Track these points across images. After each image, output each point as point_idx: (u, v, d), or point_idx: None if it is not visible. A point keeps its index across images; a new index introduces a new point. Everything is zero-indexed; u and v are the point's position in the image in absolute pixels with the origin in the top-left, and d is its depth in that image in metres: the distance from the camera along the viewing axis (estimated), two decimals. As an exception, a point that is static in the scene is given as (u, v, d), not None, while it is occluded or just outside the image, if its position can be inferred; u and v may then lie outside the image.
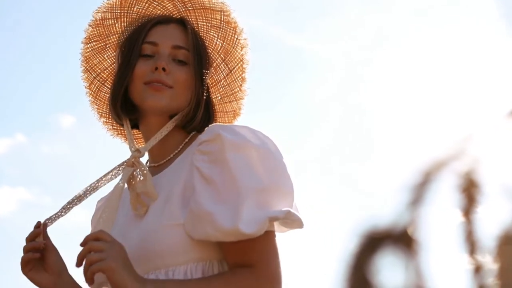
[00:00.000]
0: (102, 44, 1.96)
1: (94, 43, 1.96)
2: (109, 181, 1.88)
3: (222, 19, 1.92)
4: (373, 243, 0.63)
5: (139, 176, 1.77)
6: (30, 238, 1.80)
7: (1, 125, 7.58)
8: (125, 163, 1.86)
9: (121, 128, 2.03)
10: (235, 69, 1.96)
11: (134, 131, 2.00)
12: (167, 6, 1.92)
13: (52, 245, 1.82)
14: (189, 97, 1.83)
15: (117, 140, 2.08)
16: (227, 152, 1.63)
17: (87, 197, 1.85)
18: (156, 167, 1.85)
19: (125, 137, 2.04)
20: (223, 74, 1.97)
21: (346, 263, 0.64)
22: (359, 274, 0.63)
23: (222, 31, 1.93)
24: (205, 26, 1.92)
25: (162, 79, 1.80)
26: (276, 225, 1.66)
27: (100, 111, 2.03)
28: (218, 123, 1.81)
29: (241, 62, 1.96)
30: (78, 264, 1.57)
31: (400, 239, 0.64)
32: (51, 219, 1.84)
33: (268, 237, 1.63)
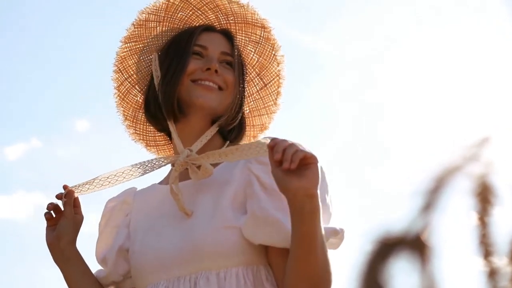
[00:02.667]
0: (140, 45, 1.97)
1: (132, 43, 1.97)
2: (142, 174, 1.89)
3: (262, 35, 1.96)
4: (387, 248, 0.63)
5: (195, 171, 1.76)
6: (57, 197, 1.86)
7: (16, 129, 7.65)
8: (162, 159, 1.88)
9: (144, 133, 2.03)
10: (271, 83, 2.00)
11: (157, 137, 2.02)
12: (209, 16, 1.95)
13: (69, 213, 1.84)
14: (231, 102, 1.86)
15: (132, 144, 2.08)
16: None
17: (116, 183, 1.87)
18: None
19: (146, 142, 2.05)
20: (256, 88, 1.99)
21: (359, 268, 0.64)
22: (373, 279, 0.63)
23: (260, 46, 1.97)
24: (243, 40, 1.96)
25: (214, 80, 1.83)
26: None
27: (126, 113, 2.03)
28: (271, 136, 1.82)
29: (278, 77, 2.00)
30: (272, 144, 1.51)
31: (414, 245, 0.64)
32: (77, 189, 1.86)
33: None
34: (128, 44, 1.97)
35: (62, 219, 1.85)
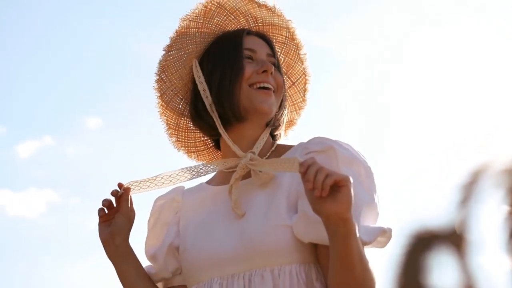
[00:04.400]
0: (182, 53, 1.97)
1: (174, 52, 1.97)
2: (206, 174, 1.90)
3: (287, 36, 1.99)
4: (424, 243, 0.64)
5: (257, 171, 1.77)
6: (112, 194, 1.85)
7: (29, 127, 7.67)
8: (221, 162, 1.88)
9: (186, 140, 2.04)
10: (299, 81, 2.03)
11: (197, 143, 2.03)
12: (240, 21, 1.97)
13: (126, 209, 1.85)
14: (281, 104, 1.90)
15: (141, 143, 2.09)
16: (341, 165, 1.69)
17: (174, 184, 1.89)
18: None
19: (187, 149, 2.06)
20: (285, 86, 2.00)
21: (397, 262, 0.64)
22: (409, 274, 0.63)
23: (285, 46, 1.99)
24: (273, 42, 1.98)
25: (270, 81, 1.85)
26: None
27: (169, 122, 2.03)
28: (322, 136, 1.82)
29: (304, 75, 2.02)
30: (303, 170, 1.51)
31: (451, 239, 0.64)
32: (137, 186, 1.87)
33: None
34: (170, 52, 1.98)
35: (118, 216, 1.86)
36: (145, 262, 1.96)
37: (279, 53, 1.99)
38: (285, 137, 2.03)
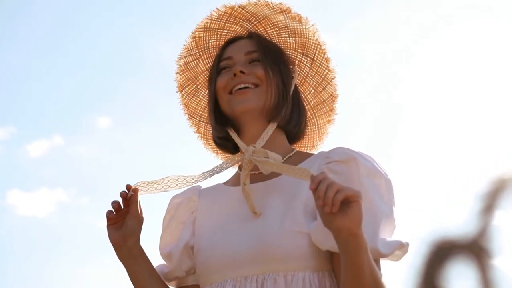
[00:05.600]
0: (194, 86, 2.03)
1: (186, 88, 2.03)
2: (211, 176, 1.90)
3: (286, 18, 1.95)
4: (444, 252, 0.64)
5: (262, 164, 1.77)
6: (121, 196, 1.81)
7: (39, 127, 7.68)
8: (228, 161, 1.89)
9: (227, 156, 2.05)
10: (316, 54, 1.97)
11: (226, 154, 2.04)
12: (235, 29, 1.98)
13: (136, 211, 1.82)
14: (273, 92, 1.86)
15: (151, 142, 2.10)
16: (362, 176, 1.69)
17: (184, 186, 1.88)
18: (257, 174, 1.87)
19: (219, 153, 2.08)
20: (307, 66, 1.98)
21: (416, 271, 0.64)
22: (430, 283, 0.63)
23: (290, 29, 1.96)
24: (274, 32, 1.96)
25: (244, 80, 1.84)
26: None
27: (215, 150, 2.06)
28: (344, 146, 1.81)
29: (319, 46, 1.96)
30: (314, 186, 1.50)
31: (471, 248, 0.64)
32: (145, 187, 1.87)
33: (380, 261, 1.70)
34: (183, 90, 2.04)
35: (129, 218, 1.85)
36: (156, 261, 1.95)
37: (288, 38, 1.96)
38: (320, 144, 2.00)
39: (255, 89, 1.83)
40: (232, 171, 1.96)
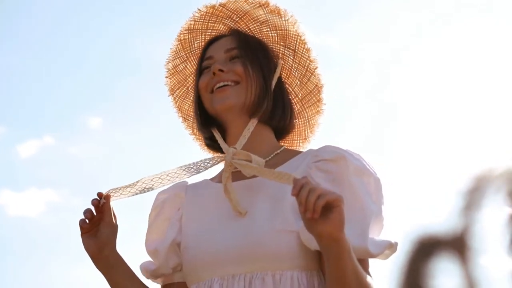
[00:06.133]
0: (184, 88, 2.04)
1: (177, 91, 2.04)
2: (188, 177, 1.89)
3: (265, 12, 1.94)
4: (427, 249, 0.64)
5: (242, 167, 1.77)
6: (93, 204, 1.80)
7: (29, 126, 7.66)
8: (210, 161, 1.89)
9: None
10: (297, 46, 1.95)
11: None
12: (219, 28, 1.98)
13: (110, 219, 1.81)
14: (253, 88, 1.86)
15: (142, 142, 2.10)
16: (351, 175, 1.69)
17: (160, 186, 1.87)
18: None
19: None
20: (291, 58, 1.96)
21: (400, 268, 0.65)
22: (413, 279, 0.63)
23: (270, 22, 1.96)
24: (256, 27, 1.96)
25: (223, 78, 1.85)
26: None
27: (211, 151, 2.06)
28: (333, 145, 1.81)
29: (299, 37, 1.95)
30: (295, 192, 1.50)
31: (454, 245, 0.64)
32: (117, 193, 1.85)
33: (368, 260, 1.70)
34: (174, 94, 2.06)
35: (103, 226, 1.83)
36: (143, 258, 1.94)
37: (269, 32, 1.95)
38: (312, 137, 2.00)
39: (235, 87, 1.83)
40: (219, 166, 1.95)
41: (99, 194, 1.82)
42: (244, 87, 1.83)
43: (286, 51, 1.96)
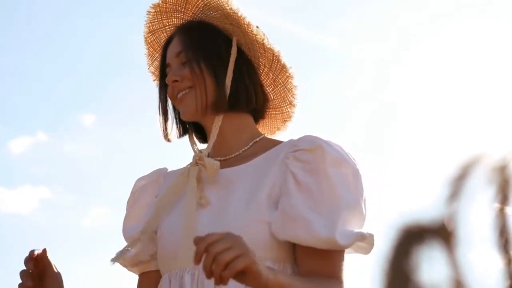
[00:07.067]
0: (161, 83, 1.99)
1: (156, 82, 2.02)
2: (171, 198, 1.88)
3: (204, 5, 1.88)
4: (412, 237, 0.63)
5: (206, 168, 1.79)
6: (26, 262, 1.75)
7: (22, 123, 7.65)
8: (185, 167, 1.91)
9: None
10: (237, 21, 1.85)
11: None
12: (174, 22, 1.94)
13: (53, 271, 1.78)
14: (208, 85, 1.84)
15: (136, 140, 2.12)
16: (328, 165, 1.68)
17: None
18: (224, 160, 1.85)
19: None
20: (240, 34, 1.86)
21: (385, 257, 0.64)
22: (398, 268, 0.63)
23: (210, 4, 1.87)
24: (201, 14, 1.90)
25: (180, 87, 1.84)
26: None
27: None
28: (314, 135, 1.79)
29: (235, 13, 1.85)
30: (197, 262, 1.43)
31: (440, 233, 0.64)
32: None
33: (343, 252, 1.70)
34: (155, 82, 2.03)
35: (49, 280, 1.78)
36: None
37: (212, 13, 1.88)
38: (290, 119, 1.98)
39: (191, 92, 1.84)
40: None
41: (32, 253, 1.76)
42: (198, 90, 1.83)
43: (235, 29, 1.90)
